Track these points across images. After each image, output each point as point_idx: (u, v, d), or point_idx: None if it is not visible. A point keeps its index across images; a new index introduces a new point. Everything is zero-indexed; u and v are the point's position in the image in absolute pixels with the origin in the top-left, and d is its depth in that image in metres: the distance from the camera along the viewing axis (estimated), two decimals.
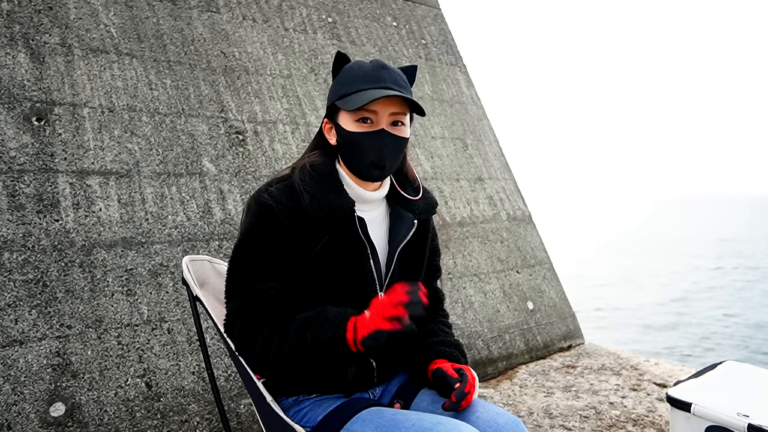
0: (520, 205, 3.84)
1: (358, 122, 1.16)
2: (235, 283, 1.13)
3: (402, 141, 1.19)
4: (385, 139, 1.15)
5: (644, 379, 2.90)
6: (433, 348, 1.27)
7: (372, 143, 1.15)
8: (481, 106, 4.12)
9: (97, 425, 1.85)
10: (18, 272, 1.91)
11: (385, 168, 1.18)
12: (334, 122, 1.21)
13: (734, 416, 1.47)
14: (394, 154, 1.18)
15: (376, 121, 1.15)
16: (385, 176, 1.21)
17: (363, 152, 1.16)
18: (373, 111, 1.14)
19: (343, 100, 1.16)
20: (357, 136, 1.16)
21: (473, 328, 3.02)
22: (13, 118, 2.09)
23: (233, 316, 1.12)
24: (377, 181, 1.22)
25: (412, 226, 1.26)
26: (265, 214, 1.13)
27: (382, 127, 1.15)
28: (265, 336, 1.08)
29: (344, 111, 1.17)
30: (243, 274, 1.13)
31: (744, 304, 12.92)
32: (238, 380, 2.18)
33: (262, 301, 1.11)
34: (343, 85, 1.18)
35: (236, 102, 2.74)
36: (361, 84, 1.14)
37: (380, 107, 1.14)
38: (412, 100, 1.13)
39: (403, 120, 1.18)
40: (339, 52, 1.23)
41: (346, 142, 1.18)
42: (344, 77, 1.19)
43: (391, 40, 3.72)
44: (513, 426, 1.13)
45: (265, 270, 1.12)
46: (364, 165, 1.17)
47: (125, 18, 2.56)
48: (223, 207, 2.45)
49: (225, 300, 1.16)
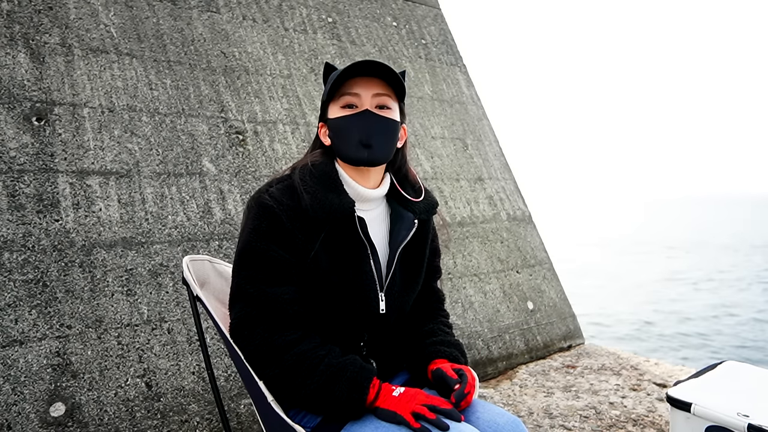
0: (520, 205, 3.84)
1: (343, 108, 1.19)
2: (242, 286, 1.12)
3: (390, 122, 1.20)
4: (370, 119, 1.17)
5: (644, 379, 2.90)
6: (433, 348, 1.27)
7: (357, 123, 1.17)
8: (481, 106, 4.12)
9: (97, 425, 1.85)
10: (18, 272, 1.91)
11: (372, 147, 1.18)
12: (325, 120, 1.24)
13: (734, 416, 1.47)
14: (383, 134, 1.19)
15: (360, 104, 1.18)
16: (375, 158, 1.19)
17: (349, 134, 1.18)
18: (355, 94, 1.18)
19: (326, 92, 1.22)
20: (342, 119, 1.19)
21: (473, 328, 3.02)
22: (13, 118, 2.09)
23: (242, 321, 1.11)
24: (368, 165, 1.20)
25: (412, 226, 1.26)
26: (267, 215, 1.13)
27: (365, 108, 1.18)
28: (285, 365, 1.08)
29: (332, 104, 1.21)
30: (250, 276, 1.12)
31: (744, 304, 12.91)
32: (238, 380, 2.18)
33: (277, 306, 1.10)
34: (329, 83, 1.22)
35: (236, 102, 2.74)
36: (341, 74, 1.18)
37: (362, 89, 1.17)
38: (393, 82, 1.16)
39: (388, 104, 1.20)
40: (327, 63, 1.27)
41: (335, 131, 1.21)
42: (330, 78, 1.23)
43: (391, 40, 3.72)
44: (513, 426, 1.13)
45: (272, 272, 1.12)
46: (353, 146, 1.18)
47: (125, 18, 2.56)
48: (223, 207, 2.45)
49: (230, 302, 1.15)
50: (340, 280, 1.17)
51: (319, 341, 1.13)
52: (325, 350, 1.11)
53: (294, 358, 1.08)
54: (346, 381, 1.06)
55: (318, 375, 1.07)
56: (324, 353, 1.10)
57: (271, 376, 1.09)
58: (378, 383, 1.09)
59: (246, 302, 1.11)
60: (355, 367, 1.09)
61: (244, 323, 1.11)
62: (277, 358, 1.08)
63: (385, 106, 1.19)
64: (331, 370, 1.07)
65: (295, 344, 1.09)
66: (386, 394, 1.07)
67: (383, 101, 1.19)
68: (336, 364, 1.08)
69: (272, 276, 1.12)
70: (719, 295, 14.03)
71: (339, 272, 1.17)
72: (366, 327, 1.23)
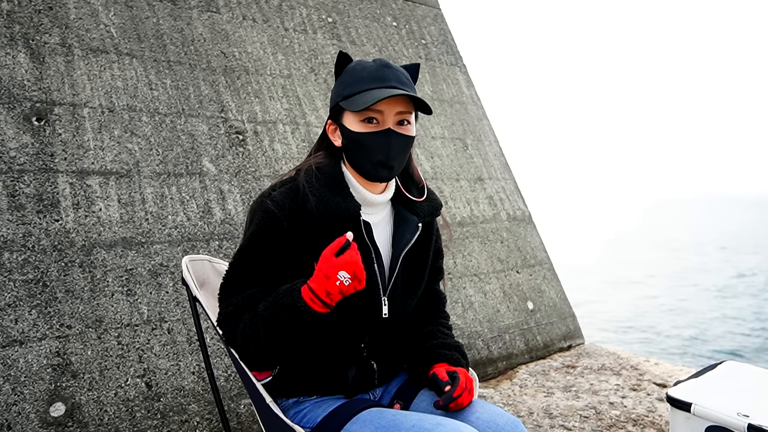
0: (520, 205, 3.84)
1: (363, 122, 1.14)
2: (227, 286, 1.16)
3: (409, 140, 1.18)
4: (393, 139, 1.14)
5: (644, 379, 2.90)
6: (434, 351, 1.26)
7: (379, 143, 1.14)
8: (481, 106, 4.12)
9: (97, 425, 1.85)
10: (18, 272, 1.91)
11: (393, 168, 1.17)
12: (338, 123, 1.19)
13: (734, 416, 1.47)
14: (402, 153, 1.17)
15: (382, 121, 1.14)
16: (393, 176, 1.19)
17: (370, 153, 1.15)
18: (379, 111, 1.13)
19: (347, 101, 1.15)
20: (363, 136, 1.14)
21: (473, 328, 3.02)
22: (13, 118, 2.09)
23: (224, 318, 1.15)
24: (385, 182, 1.21)
25: (416, 230, 1.25)
26: (268, 222, 1.13)
27: (388, 127, 1.14)
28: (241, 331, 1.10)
29: (349, 112, 1.16)
30: (237, 278, 1.14)
31: (744, 303, 12.91)
32: (238, 380, 2.18)
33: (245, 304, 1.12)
34: (347, 86, 1.16)
35: (236, 102, 2.74)
36: (365, 84, 1.13)
37: (386, 107, 1.13)
38: (417, 99, 1.12)
39: (408, 119, 1.17)
40: (341, 52, 1.21)
41: (352, 143, 1.17)
42: (347, 78, 1.17)
43: (391, 40, 3.72)
44: (513, 426, 1.12)
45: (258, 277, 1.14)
46: (372, 165, 1.16)
47: (125, 18, 2.56)
48: (223, 207, 2.45)
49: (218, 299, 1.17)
50: None
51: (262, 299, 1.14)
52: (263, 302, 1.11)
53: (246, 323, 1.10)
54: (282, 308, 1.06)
55: (261, 321, 1.07)
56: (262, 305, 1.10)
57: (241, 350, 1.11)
58: (306, 287, 1.07)
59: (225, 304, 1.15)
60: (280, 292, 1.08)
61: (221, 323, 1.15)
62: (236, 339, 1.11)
63: (405, 121, 1.17)
64: (269, 310, 1.07)
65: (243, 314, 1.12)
66: (313, 282, 1.06)
67: (404, 117, 1.16)
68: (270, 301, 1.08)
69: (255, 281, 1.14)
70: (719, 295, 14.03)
71: None
72: (368, 330, 1.23)
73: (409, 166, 1.32)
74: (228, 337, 1.13)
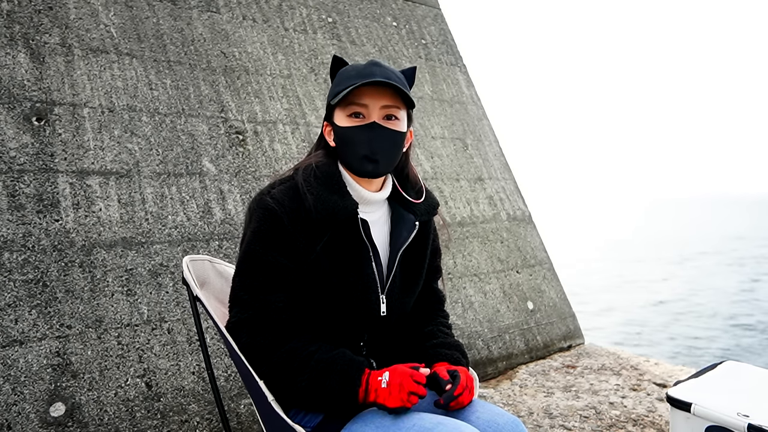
0: (520, 205, 3.84)
1: (350, 117, 1.17)
2: (241, 290, 1.14)
3: (396, 135, 1.19)
4: (376, 132, 1.16)
5: (644, 379, 2.90)
6: (434, 351, 1.27)
7: (363, 136, 1.16)
8: (481, 106, 4.12)
9: (97, 425, 1.85)
10: (18, 272, 1.91)
11: (378, 162, 1.17)
12: (331, 122, 1.22)
13: (734, 416, 1.47)
14: (388, 147, 1.18)
15: (367, 115, 1.16)
16: (380, 171, 1.20)
17: (356, 146, 1.16)
18: (363, 105, 1.15)
19: (335, 98, 1.18)
20: (349, 130, 1.17)
21: (473, 328, 3.02)
22: (13, 118, 2.09)
23: (239, 325, 1.13)
24: (373, 177, 1.21)
25: (413, 228, 1.26)
26: (269, 218, 1.13)
27: (373, 120, 1.16)
28: (279, 361, 1.09)
29: (338, 109, 1.19)
30: (248, 281, 1.13)
31: (744, 303, 12.91)
32: (238, 380, 2.18)
33: (268, 312, 1.11)
34: (337, 85, 1.19)
35: (236, 102, 2.74)
36: (352, 80, 1.15)
37: (370, 100, 1.15)
38: (403, 92, 1.13)
39: (396, 114, 1.18)
40: (335, 56, 1.24)
41: (340, 139, 1.19)
42: (339, 78, 1.20)
43: (391, 40, 3.72)
44: (513, 426, 1.12)
45: (270, 278, 1.13)
46: (357, 159, 1.17)
47: (125, 18, 2.56)
48: (223, 207, 2.45)
49: (229, 304, 1.16)
50: (341, 282, 1.17)
51: (310, 338, 1.13)
52: (315, 346, 1.11)
53: (284, 355, 1.09)
54: (336, 374, 1.07)
55: (309, 370, 1.07)
56: (314, 349, 1.10)
57: (265, 374, 1.10)
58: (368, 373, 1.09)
59: (240, 308, 1.13)
60: (345, 359, 1.09)
61: (242, 327, 1.12)
62: (267, 357, 1.09)
63: (393, 117, 1.18)
64: (321, 365, 1.08)
65: (285, 342, 1.10)
66: (375, 387, 1.07)
67: (391, 112, 1.17)
68: (326, 359, 1.09)
69: (268, 282, 1.13)
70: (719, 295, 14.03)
71: (340, 274, 1.17)
72: (366, 328, 1.23)
73: (405, 168, 1.33)
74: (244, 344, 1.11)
